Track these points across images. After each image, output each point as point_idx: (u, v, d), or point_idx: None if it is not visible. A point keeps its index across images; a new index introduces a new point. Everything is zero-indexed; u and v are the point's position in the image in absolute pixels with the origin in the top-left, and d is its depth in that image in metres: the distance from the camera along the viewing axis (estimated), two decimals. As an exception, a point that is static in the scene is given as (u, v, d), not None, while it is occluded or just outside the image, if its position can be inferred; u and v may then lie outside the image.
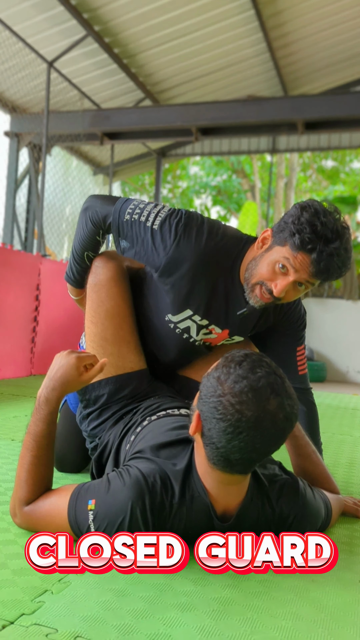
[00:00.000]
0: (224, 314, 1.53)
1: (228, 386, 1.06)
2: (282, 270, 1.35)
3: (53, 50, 5.68)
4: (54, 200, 7.63)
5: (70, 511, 1.17)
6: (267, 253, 1.39)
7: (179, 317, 1.54)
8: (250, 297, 1.43)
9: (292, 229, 1.32)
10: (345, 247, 1.32)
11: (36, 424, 1.28)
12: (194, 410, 1.16)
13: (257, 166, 12.98)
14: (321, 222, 1.30)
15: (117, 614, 0.96)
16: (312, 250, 1.30)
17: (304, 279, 1.35)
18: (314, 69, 6.88)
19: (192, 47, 6.04)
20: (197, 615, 0.97)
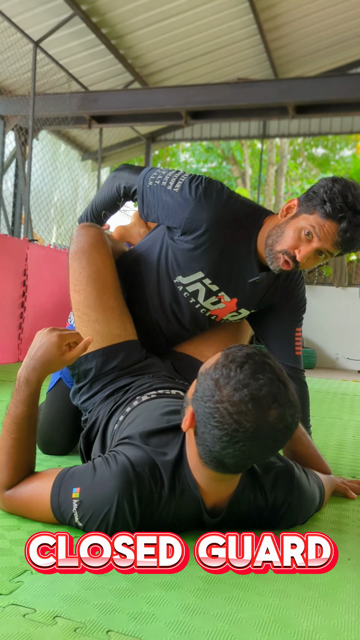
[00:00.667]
0: (235, 281, 1.53)
1: (227, 393, 0.99)
2: (308, 237, 1.37)
3: (39, 29, 5.56)
4: (41, 185, 7.52)
5: (53, 498, 1.13)
6: (292, 220, 1.41)
7: (190, 278, 1.53)
8: (273, 262, 1.43)
9: (323, 197, 1.34)
10: None
11: (16, 405, 1.22)
12: (187, 404, 1.10)
13: (248, 153, 12.89)
14: (352, 194, 1.33)
15: (98, 593, 0.92)
16: (342, 219, 1.32)
17: (327, 248, 1.37)
18: (305, 53, 6.81)
19: (181, 28, 5.94)
20: (182, 594, 0.94)
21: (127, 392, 1.46)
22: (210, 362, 1.06)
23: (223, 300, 1.56)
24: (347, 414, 3.05)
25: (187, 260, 1.51)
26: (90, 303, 1.53)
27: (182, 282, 1.55)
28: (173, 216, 1.48)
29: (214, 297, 1.56)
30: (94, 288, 1.54)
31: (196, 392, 1.05)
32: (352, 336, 6.74)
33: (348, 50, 6.94)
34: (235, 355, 1.02)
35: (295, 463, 1.25)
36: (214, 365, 1.04)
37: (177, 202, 1.46)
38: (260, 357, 1.02)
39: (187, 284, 1.55)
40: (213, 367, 1.04)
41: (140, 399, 1.38)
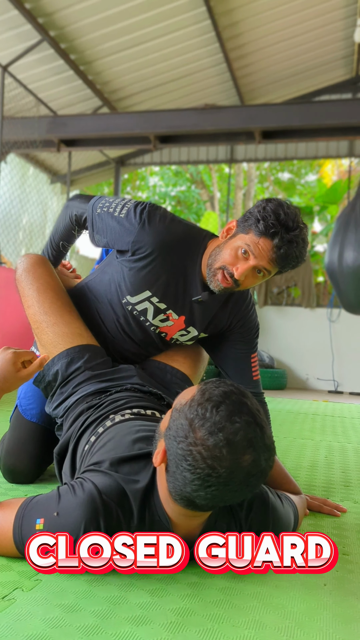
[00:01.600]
0: (182, 300, 1.59)
1: (201, 436, 0.94)
2: (244, 255, 1.43)
3: (7, 54, 5.57)
4: (9, 208, 7.46)
5: (15, 531, 1.07)
6: (230, 240, 1.48)
7: (138, 297, 1.58)
8: (212, 281, 1.50)
9: (257, 216, 1.41)
10: (303, 238, 1.42)
11: None
12: (160, 436, 1.06)
13: (216, 177, 13.09)
14: (284, 212, 1.40)
15: (65, 632, 0.87)
16: (275, 235, 1.38)
17: (263, 266, 1.43)
18: (270, 81, 7.00)
19: (150, 55, 6.04)
20: (153, 629, 0.90)
21: (99, 407, 1.42)
22: (186, 397, 1.02)
23: (171, 317, 1.61)
24: (318, 435, 3.05)
25: (135, 280, 1.57)
26: (45, 310, 1.56)
27: (130, 301, 1.60)
28: (121, 240, 1.55)
29: (162, 314, 1.61)
30: (46, 297, 1.58)
31: (169, 429, 1.01)
32: (321, 357, 6.81)
33: (312, 79, 7.17)
34: (212, 393, 0.98)
35: (267, 487, 1.23)
36: (189, 403, 0.99)
37: (124, 227, 1.53)
38: (237, 397, 0.98)
39: (136, 303, 1.60)
40: (188, 404, 0.99)
41: (114, 418, 1.33)
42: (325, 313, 6.91)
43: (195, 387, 1.03)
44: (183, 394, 1.05)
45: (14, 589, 1.01)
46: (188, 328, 1.64)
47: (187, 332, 1.65)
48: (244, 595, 1.03)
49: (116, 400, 1.43)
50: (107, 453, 1.18)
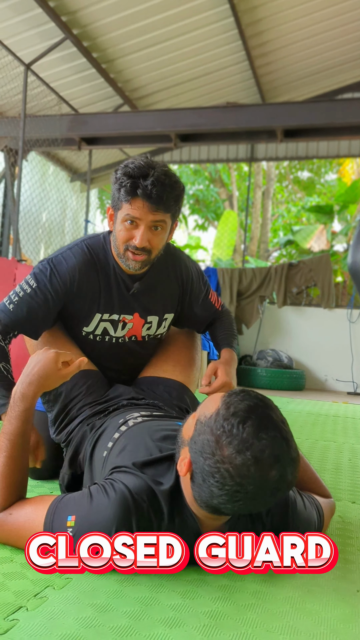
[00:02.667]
0: (123, 302, 1.61)
1: (229, 455, 0.95)
2: (132, 225, 1.46)
3: (30, 52, 5.60)
4: (29, 206, 7.50)
5: (46, 526, 1.08)
6: (116, 223, 1.51)
7: (92, 325, 1.61)
8: (128, 264, 1.52)
9: (116, 188, 1.45)
10: (164, 173, 1.43)
11: (10, 422, 1.20)
12: (183, 444, 1.06)
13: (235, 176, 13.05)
14: (131, 167, 1.43)
15: (98, 632, 0.87)
16: (136, 189, 1.41)
17: (151, 220, 1.45)
18: (293, 79, 6.94)
19: (171, 53, 6.03)
20: (187, 631, 0.89)
21: (107, 415, 1.45)
22: (210, 409, 1.01)
23: (127, 320, 1.64)
24: (340, 437, 3.02)
25: (80, 312, 1.59)
26: (44, 341, 1.60)
27: (88, 330, 1.62)
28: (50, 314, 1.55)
29: (119, 323, 1.63)
30: (48, 338, 1.61)
31: (194, 442, 1.01)
32: (341, 357, 6.75)
33: (335, 77, 7.09)
34: (237, 407, 0.98)
35: (293, 487, 1.22)
36: (214, 416, 0.99)
37: (41, 299, 1.51)
38: (262, 410, 0.99)
39: (94, 330, 1.62)
40: (214, 418, 0.99)
41: (129, 423, 1.34)
42: (345, 314, 6.84)
43: (219, 398, 1.02)
44: (206, 404, 1.04)
45: (46, 586, 1.01)
46: (148, 320, 1.66)
47: (150, 323, 1.67)
48: (277, 599, 1.01)
49: (119, 414, 1.44)
50: (129, 457, 1.18)
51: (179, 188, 1.48)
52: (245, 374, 6.56)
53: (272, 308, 7.08)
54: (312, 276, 6.94)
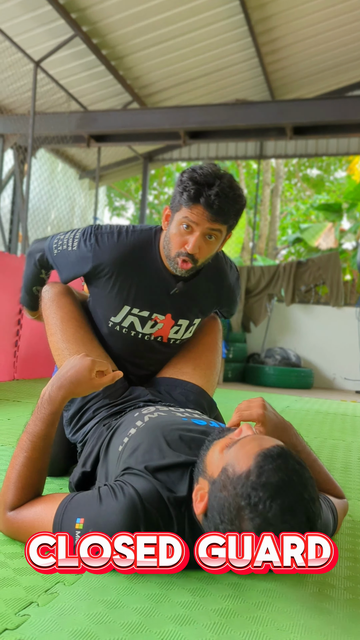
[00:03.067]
0: (159, 299, 1.61)
1: (247, 528, 0.90)
2: (187, 230, 1.46)
3: (40, 50, 5.61)
4: (38, 204, 7.53)
5: (55, 527, 1.08)
6: (171, 224, 1.51)
7: (120, 316, 1.63)
8: (176, 269, 1.53)
9: (180, 191, 1.45)
10: (230, 185, 1.43)
11: (35, 423, 1.19)
12: (203, 474, 1.03)
13: (243, 173, 13.01)
14: (199, 173, 1.43)
15: (109, 628, 0.87)
16: (200, 196, 1.41)
17: (208, 228, 1.45)
18: (302, 75, 6.91)
19: (180, 50, 6.02)
20: (198, 629, 0.89)
21: (122, 417, 1.43)
22: (241, 465, 0.95)
23: (159, 320, 1.64)
24: (349, 435, 3.01)
25: (110, 301, 1.62)
26: (67, 338, 1.60)
27: (115, 321, 1.64)
28: (82, 270, 1.61)
29: (149, 321, 1.64)
30: (69, 326, 1.61)
31: (215, 495, 0.97)
32: (349, 356, 6.72)
33: (345, 74, 7.05)
34: (269, 479, 0.90)
35: None
36: (243, 479, 0.92)
37: (81, 258, 1.60)
38: (295, 488, 0.91)
39: (121, 321, 1.64)
40: (242, 480, 0.92)
41: (144, 419, 1.33)
42: (354, 312, 6.81)
43: (253, 456, 0.95)
44: (238, 455, 0.97)
45: (56, 582, 1.01)
46: (178, 322, 1.67)
47: (179, 326, 1.68)
48: (287, 598, 1.01)
49: (135, 409, 1.44)
50: (142, 458, 1.16)
51: (241, 202, 1.47)
52: (253, 372, 6.55)
53: (281, 306, 7.07)
54: (321, 274, 6.91)
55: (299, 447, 1.36)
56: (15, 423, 2.58)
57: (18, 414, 2.82)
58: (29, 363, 4.58)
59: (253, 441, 0.98)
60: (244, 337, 7.08)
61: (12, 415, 2.77)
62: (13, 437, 2.26)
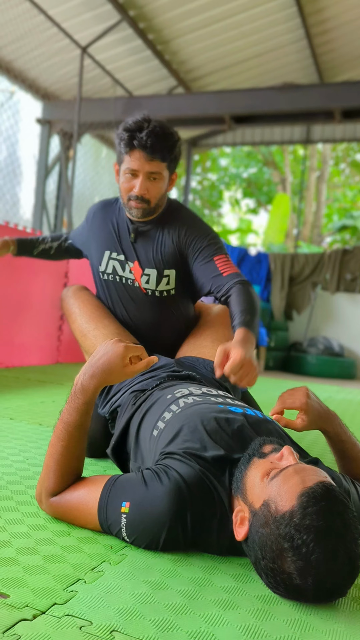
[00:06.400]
0: (127, 245, 1.77)
1: (289, 571, 0.88)
2: (132, 175, 1.64)
3: (86, 35, 5.63)
4: (83, 189, 7.61)
5: (100, 510, 1.10)
6: (119, 176, 1.70)
7: (104, 262, 1.79)
8: (130, 212, 1.70)
9: (117, 142, 1.64)
10: (160, 125, 1.59)
11: (70, 412, 1.20)
12: (241, 493, 1.02)
13: (289, 159, 12.77)
14: (130, 122, 1.60)
15: (154, 609, 0.89)
16: (132, 140, 1.58)
17: (148, 169, 1.61)
18: (352, 57, 6.69)
19: (227, 33, 5.92)
20: (241, 614, 0.90)
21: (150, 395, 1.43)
22: (284, 502, 0.91)
23: (130, 266, 1.78)
24: (394, 428, 2.94)
25: (95, 251, 1.81)
26: (86, 319, 1.72)
27: (102, 270, 1.80)
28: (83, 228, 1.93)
29: (126, 266, 1.78)
30: (86, 309, 1.75)
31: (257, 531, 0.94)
32: (395, 347, 6.55)
33: None
34: (314, 522, 0.87)
35: (344, 475, 1.19)
36: (287, 518, 0.89)
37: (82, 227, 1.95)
38: (340, 531, 0.88)
39: (105, 268, 1.79)
40: (286, 520, 0.89)
41: (179, 403, 1.32)
42: None
43: (296, 496, 0.90)
44: (281, 490, 0.93)
45: (102, 561, 1.04)
46: (145, 271, 1.76)
47: (148, 275, 1.76)
48: (331, 588, 1.01)
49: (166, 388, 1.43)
50: (183, 445, 1.15)
51: (173, 138, 1.62)
52: (295, 361, 6.48)
53: (325, 295, 6.94)
54: (367, 262, 6.74)
55: (343, 436, 1.34)
56: (60, 405, 2.63)
57: (62, 397, 2.88)
58: (73, 347, 4.67)
59: (296, 475, 0.94)
60: (286, 326, 7.00)
61: (56, 398, 2.84)
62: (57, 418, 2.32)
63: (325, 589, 0.89)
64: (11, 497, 1.34)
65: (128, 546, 1.12)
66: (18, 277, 4.02)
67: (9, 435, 1.95)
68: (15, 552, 1.04)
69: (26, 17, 5.22)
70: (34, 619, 0.83)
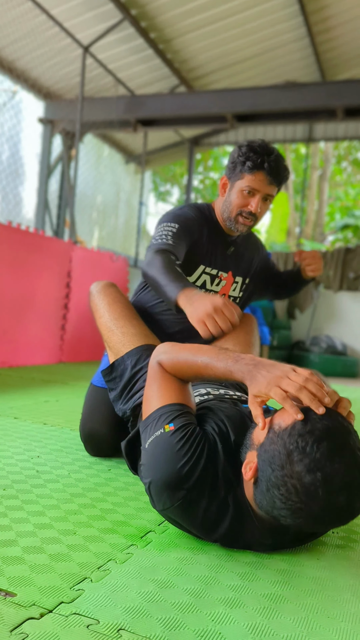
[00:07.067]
0: (223, 258, 1.85)
1: (298, 471, 0.92)
2: (250, 194, 1.73)
3: (88, 35, 5.63)
4: (85, 189, 7.61)
5: (150, 417, 1.18)
6: (231, 191, 1.77)
7: (195, 275, 1.80)
8: (236, 227, 1.78)
9: (241, 161, 1.71)
10: (280, 155, 1.74)
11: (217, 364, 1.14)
12: (251, 448, 1.04)
13: (291, 157, 12.75)
14: (257, 144, 1.72)
15: (161, 607, 0.89)
16: (262, 163, 1.68)
17: (267, 192, 1.73)
18: (354, 55, 6.67)
19: (229, 32, 5.91)
20: (248, 613, 0.90)
21: None
22: (286, 420, 0.98)
23: (223, 277, 1.86)
24: None
25: (188, 264, 1.78)
26: (115, 316, 1.71)
27: (192, 281, 1.81)
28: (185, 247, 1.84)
29: (217, 279, 1.84)
30: (115, 307, 1.74)
31: (265, 451, 0.99)
32: None
33: None
34: (315, 425, 0.94)
35: None
36: (289, 429, 0.96)
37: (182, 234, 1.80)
38: (341, 434, 0.94)
39: (195, 280, 1.81)
40: (289, 431, 0.96)
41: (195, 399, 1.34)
42: None
43: (297, 411, 0.98)
44: (282, 413, 1.00)
45: (108, 560, 1.04)
46: (236, 279, 1.90)
47: (236, 283, 1.90)
48: (337, 586, 1.01)
49: None
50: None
51: (288, 170, 1.77)
52: (298, 360, 6.47)
53: (327, 293, 6.93)
54: (370, 261, 6.73)
55: None
56: (64, 404, 2.64)
57: (66, 396, 2.89)
58: (75, 346, 4.67)
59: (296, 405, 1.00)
60: (289, 324, 6.99)
61: (60, 397, 2.84)
62: (63, 418, 2.32)
63: (336, 485, 0.91)
64: (16, 496, 1.34)
65: (134, 545, 1.12)
66: (21, 276, 4.02)
67: (14, 434, 1.96)
68: (22, 551, 1.04)
69: (28, 17, 5.22)
70: (41, 617, 0.83)
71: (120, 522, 1.24)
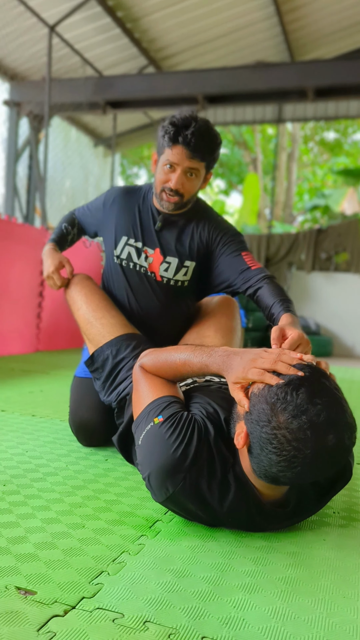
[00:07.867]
0: (149, 233, 1.79)
1: (284, 419, 0.96)
2: (170, 169, 1.65)
3: (54, 14, 5.47)
4: (54, 174, 7.45)
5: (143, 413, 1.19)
6: (157, 167, 1.71)
7: (120, 247, 1.79)
8: (162, 204, 1.71)
9: (161, 135, 1.64)
10: (205, 126, 1.62)
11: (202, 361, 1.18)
12: (238, 419, 1.08)
13: (259, 138, 12.74)
14: (177, 118, 1.62)
15: (182, 597, 0.89)
16: (178, 136, 1.59)
17: (187, 167, 1.64)
18: (322, 34, 6.68)
19: (197, 10, 5.83)
20: (266, 597, 0.91)
21: None
22: (270, 381, 1.02)
23: (149, 254, 1.78)
24: (378, 404, 3.01)
25: (112, 234, 1.81)
26: (92, 308, 1.71)
27: (117, 254, 1.80)
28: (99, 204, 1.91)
29: (142, 253, 1.78)
30: (92, 300, 1.74)
31: (250, 414, 1.02)
32: (370, 324, 6.68)
33: (366, 32, 6.80)
34: (291, 378, 1.00)
35: None
36: (267, 387, 1.01)
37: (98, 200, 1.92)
38: (316, 378, 1.00)
39: (121, 253, 1.79)
40: (267, 388, 1.01)
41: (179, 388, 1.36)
42: (375, 279, 6.73)
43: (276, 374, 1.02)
44: (264, 378, 1.03)
45: (121, 552, 1.04)
46: (167, 259, 1.78)
47: (168, 263, 1.78)
48: (348, 567, 1.03)
49: None
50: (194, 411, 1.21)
51: (216, 141, 1.65)
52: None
53: (300, 274, 7.01)
54: (341, 241, 6.82)
55: None
56: (49, 395, 2.61)
57: (50, 386, 2.86)
58: (52, 335, 4.62)
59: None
60: (263, 306, 7.05)
61: (44, 387, 2.81)
62: (51, 408, 2.30)
63: (322, 425, 0.94)
64: (18, 492, 1.32)
65: (144, 535, 1.12)
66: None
67: (4, 427, 1.93)
68: (34, 548, 1.03)
69: (-10, -6, 5.04)
70: (65, 614, 0.83)
71: (127, 513, 1.24)
